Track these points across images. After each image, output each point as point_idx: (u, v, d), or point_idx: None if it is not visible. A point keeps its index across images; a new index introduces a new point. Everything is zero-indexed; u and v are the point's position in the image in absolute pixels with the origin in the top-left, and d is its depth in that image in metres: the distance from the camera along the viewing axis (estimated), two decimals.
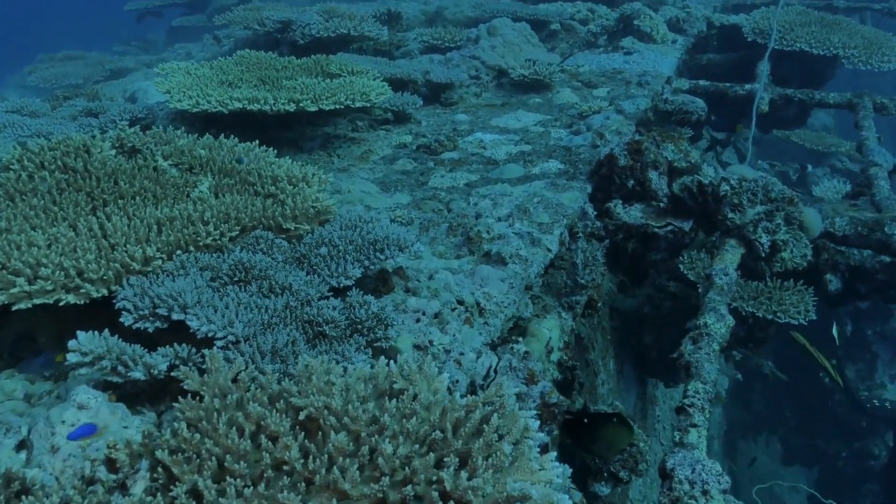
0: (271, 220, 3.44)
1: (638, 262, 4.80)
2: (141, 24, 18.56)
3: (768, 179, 4.40)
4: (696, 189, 4.46)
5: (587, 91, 7.07)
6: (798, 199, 4.43)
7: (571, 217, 4.39)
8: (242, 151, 4.31)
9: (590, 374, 5.49)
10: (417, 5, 11.40)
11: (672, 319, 5.71)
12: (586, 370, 5.39)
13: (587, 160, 5.24)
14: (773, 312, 5.07)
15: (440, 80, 6.87)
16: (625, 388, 6.56)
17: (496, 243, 3.94)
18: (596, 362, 5.63)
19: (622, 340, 6.20)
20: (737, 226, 4.37)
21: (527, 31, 7.69)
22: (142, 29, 18.72)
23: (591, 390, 5.46)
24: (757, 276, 4.94)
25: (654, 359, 6.29)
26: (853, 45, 8.41)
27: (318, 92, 5.57)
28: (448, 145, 5.65)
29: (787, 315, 5.09)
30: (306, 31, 7.83)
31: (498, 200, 4.50)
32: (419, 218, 4.52)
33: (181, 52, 11.55)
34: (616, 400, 6.06)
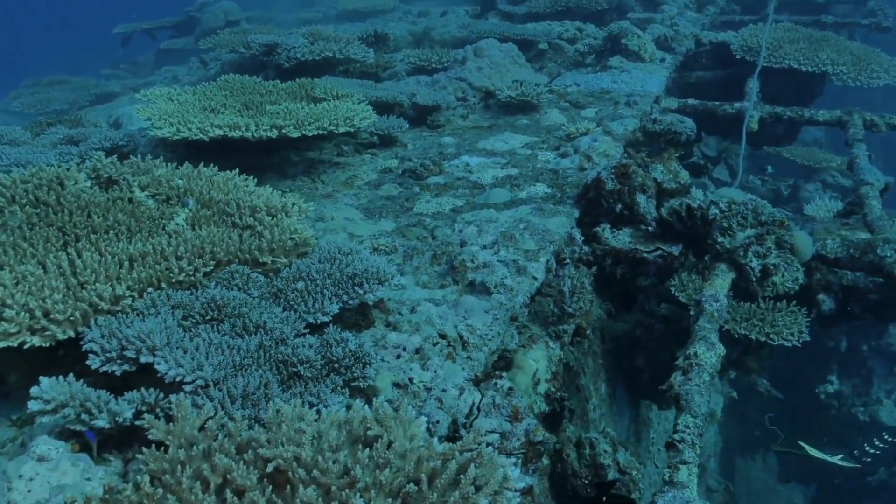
0: (247, 255, 3.34)
1: (627, 288, 4.72)
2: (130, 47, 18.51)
3: (758, 202, 4.33)
4: (684, 213, 4.38)
5: (575, 111, 7.00)
6: (789, 221, 4.35)
7: (558, 243, 4.31)
8: (221, 181, 4.22)
9: (581, 400, 5.38)
10: (405, 25, 11.37)
11: (664, 342, 5.62)
12: (577, 396, 5.29)
13: (574, 183, 5.16)
14: (766, 334, 4.98)
15: (426, 102, 6.80)
16: (617, 412, 6.45)
17: (481, 272, 3.85)
18: (587, 387, 5.52)
19: (614, 363, 6.10)
20: (727, 250, 4.29)
21: (514, 51, 7.63)
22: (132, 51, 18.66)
23: (583, 416, 5.35)
24: (749, 297, 4.86)
25: (647, 381, 6.19)
26: (842, 61, 8.38)
27: (301, 118, 5.50)
28: (434, 170, 5.57)
29: (781, 337, 5.00)
30: (291, 55, 7.77)
31: (483, 227, 4.42)
32: (403, 246, 4.43)
33: (168, 75, 11.48)
34: (608, 424, 5.96)
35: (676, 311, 5.33)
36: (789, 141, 9.29)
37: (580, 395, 5.35)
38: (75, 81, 11.32)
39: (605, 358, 5.90)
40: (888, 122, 7.11)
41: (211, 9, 14.47)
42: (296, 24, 14.88)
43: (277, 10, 17.31)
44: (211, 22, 13.78)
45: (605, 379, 5.94)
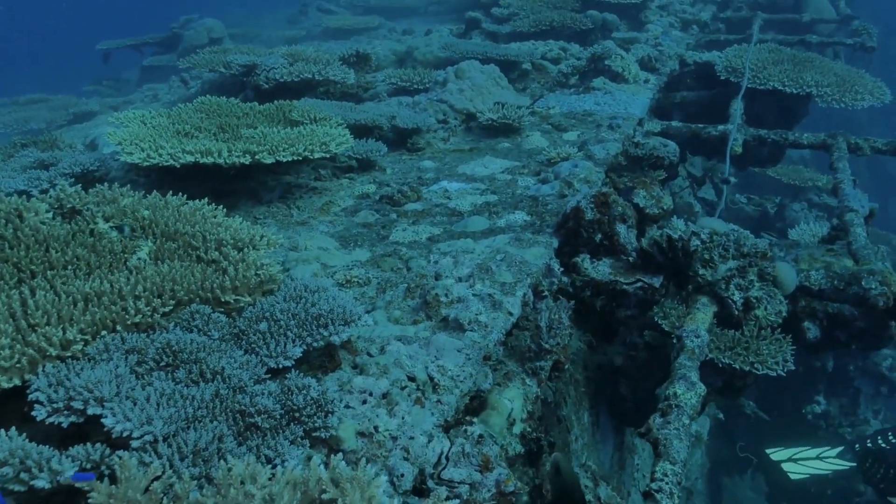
0: (209, 293, 3.21)
1: (607, 320, 4.60)
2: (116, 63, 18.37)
3: (740, 233, 4.23)
4: (665, 244, 4.28)
5: (557, 135, 6.91)
6: (772, 253, 4.26)
7: (536, 275, 4.20)
8: (188, 212, 4.09)
9: (562, 431, 5.26)
10: (389, 43, 11.28)
11: (648, 369, 5.51)
12: (558, 427, 5.17)
13: (554, 211, 5.05)
14: (751, 364, 4.88)
15: (406, 125, 6.70)
16: (601, 440, 6.33)
17: (455, 307, 3.73)
18: (568, 417, 5.40)
19: (596, 390, 5.99)
20: (708, 282, 4.18)
21: (495, 73, 7.55)
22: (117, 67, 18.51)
23: (564, 448, 5.22)
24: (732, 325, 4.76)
25: (631, 409, 6.08)
26: (826, 83, 8.34)
27: (276, 142, 5.38)
28: (412, 196, 5.45)
29: (766, 367, 4.90)
30: (270, 76, 7.66)
31: (459, 258, 4.30)
32: (377, 278, 4.31)
33: (149, 93, 11.34)
34: (591, 454, 5.84)
35: (659, 338, 5.23)
36: (774, 162, 9.22)
37: (561, 427, 5.23)
38: (54, 100, 11.17)
39: (588, 385, 5.79)
40: (872, 145, 7.05)
41: (194, 26, 14.35)
42: (281, 42, 14.79)
43: (265, 26, 17.23)
44: (193, 39, 13.67)
45: (587, 407, 5.82)
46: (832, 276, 4.65)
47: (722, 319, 4.40)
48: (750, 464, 11.82)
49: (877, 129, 20.99)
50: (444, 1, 15.51)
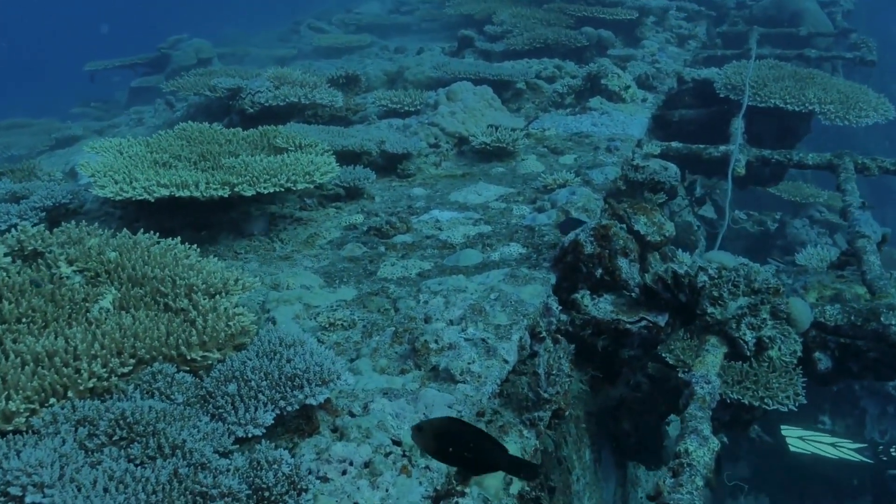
0: (174, 350, 2.92)
1: (609, 360, 4.32)
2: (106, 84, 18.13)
3: (750, 267, 3.95)
4: (670, 280, 4.00)
5: (553, 158, 6.65)
6: (784, 288, 3.98)
7: (533, 315, 3.91)
8: (158, 253, 3.80)
9: (563, 473, 4.96)
10: (381, 63, 11.04)
11: (651, 403, 5.23)
12: (558, 469, 4.87)
13: (551, 243, 4.78)
14: (760, 399, 4.60)
15: (396, 150, 6.43)
16: (603, 477, 6.04)
17: (445, 355, 3.44)
18: (569, 458, 5.11)
19: (598, 426, 5.70)
20: (717, 322, 3.90)
21: (488, 94, 7.29)
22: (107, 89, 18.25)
23: (565, 490, 4.93)
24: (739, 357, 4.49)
25: (634, 445, 5.79)
26: (829, 100, 8.09)
27: (257, 172, 5.10)
28: (401, 227, 5.17)
29: (776, 401, 4.62)
30: (256, 99, 7.39)
31: (451, 298, 4.01)
32: (363, 320, 4.03)
33: (134, 116, 11.08)
34: (594, 493, 5.54)
35: (663, 370, 4.96)
36: (777, 181, 8.99)
37: (562, 468, 4.93)
38: (37, 124, 10.91)
39: (589, 422, 5.50)
40: (880, 164, 6.79)
41: (182, 46, 14.11)
42: (271, 62, 14.53)
43: (256, 45, 16.99)
44: (182, 60, 13.41)
45: (588, 444, 5.53)
46: (849, 312, 4.38)
47: (731, 356, 4.11)
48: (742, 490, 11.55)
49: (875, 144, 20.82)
50: (436, 18, 15.28)
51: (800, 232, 12.66)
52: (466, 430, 2.29)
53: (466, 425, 2.35)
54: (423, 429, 2.26)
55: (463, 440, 2.23)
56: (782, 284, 3.98)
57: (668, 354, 4.57)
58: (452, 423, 2.33)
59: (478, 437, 2.26)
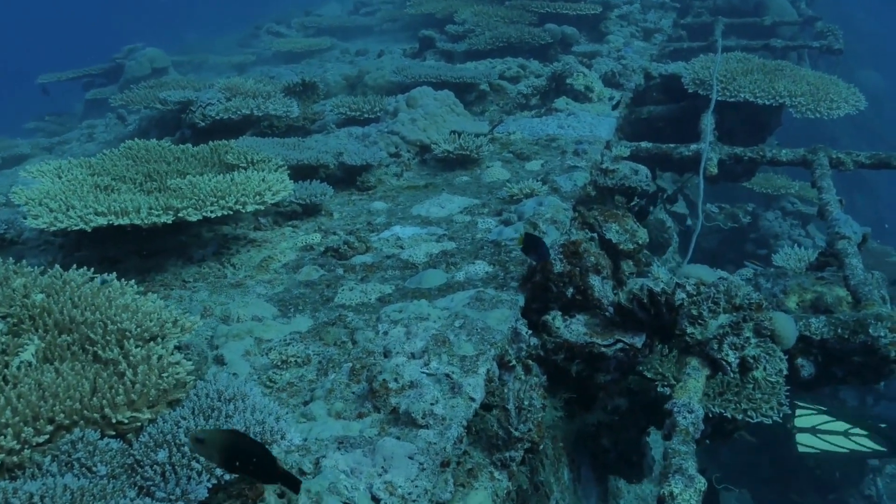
0: (97, 412, 2.61)
1: (585, 385, 4.06)
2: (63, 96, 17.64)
3: (730, 282, 3.70)
4: (646, 299, 3.74)
5: (519, 164, 6.38)
6: (766, 303, 3.74)
7: (500, 344, 3.63)
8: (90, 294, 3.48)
9: (541, 499, 4.70)
10: (341, 67, 10.73)
11: (630, 418, 4.99)
12: (536, 496, 4.61)
13: (519, 259, 4.50)
14: (743, 411, 4.37)
15: (355, 162, 6.12)
16: (583, 494, 5.80)
17: (406, 395, 3.15)
18: (547, 482, 4.84)
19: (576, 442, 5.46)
20: (698, 342, 3.65)
21: (450, 99, 7.00)
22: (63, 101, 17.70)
23: None
24: None
25: (613, 460, 5.56)
26: (799, 92, 7.90)
27: (204, 194, 4.78)
28: (359, 247, 4.88)
29: (759, 413, 4.40)
30: (207, 112, 7.04)
31: (412, 327, 3.72)
32: (318, 355, 3.73)
33: (86, 132, 10.64)
34: None
35: (640, 382, 4.72)
36: (749, 176, 8.79)
37: (539, 494, 4.68)
38: None
39: (566, 440, 5.26)
40: (855, 159, 6.60)
41: (136, 56, 13.66)
42: (229, 69, 14.15)
43: (216, 51, 16.58)
44: (135, 71, 12.97)
45: (566, 463, 5.28)
46: (835, 324, 4.15)
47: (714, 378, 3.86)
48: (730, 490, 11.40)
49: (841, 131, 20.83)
50: (397, 18, 14.97)
51: (772, 224, 12.53)
52: (248, 443, 2.28)
53: (247, 439, 2.32)
54: (206, 442, 2.16)
55: (246, 453, 2.23)
56: (765, 299, 3.74)
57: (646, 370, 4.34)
58: (235, 437, 2.26)
59: (259, 450, 2.28)
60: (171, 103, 7.63)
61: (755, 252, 12.53)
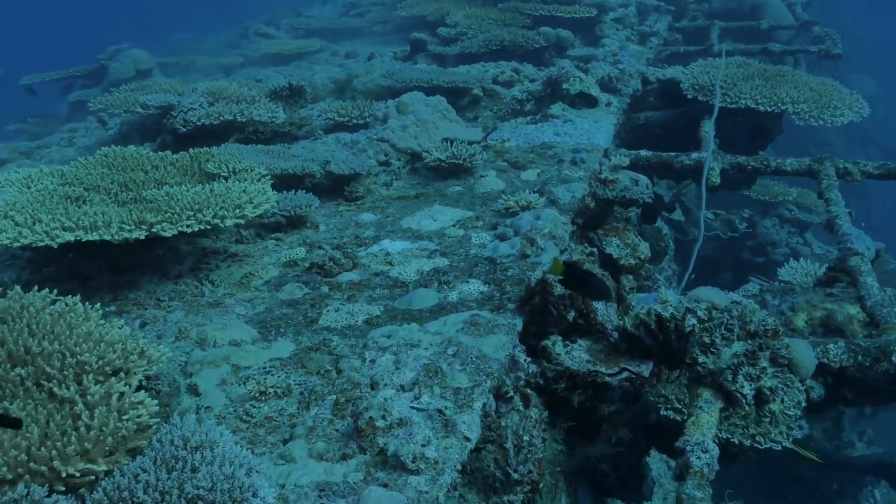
0: (44, 466, 2.31)
1: (587, 416, 3.78)
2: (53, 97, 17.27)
3: (745, 307, 3.44)
4: (654, 325, 3.47)
5: (515, 174, 6.10)
6: (782, 330, 3.47)
7: (497, 374, 3.35)
8: (49, 321, 3.18)
9: None
10: (330, 70, 10.42)
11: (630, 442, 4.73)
12: None
13: (516, 278, 4.23)
14: (751, 437, 4.11)
15: (342, 171, 5.83)
16: None
17: (395, 435, 2.87)
18: None
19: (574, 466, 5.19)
20: (710, 372, 3.38)
21: (442, 105, 6.72)
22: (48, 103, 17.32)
23: None
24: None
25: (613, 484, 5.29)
26: (802, 98, 7.66)
27: (181, 206, 4.49)
28: (346, 264, 4.59)
29: (768, 438, 4.15)
30: (188, 118, 6.74)
31: (402, 356, 3.44)
32: (300, 385, 3.45)
33: (66, 136, 10.31)
34: None
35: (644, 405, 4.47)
36: (749, 184, 8.54)
37: None
38: None
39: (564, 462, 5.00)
40: (863, 169, 6.35)
41: (120, 57, 13.32)
42: (217, 71, 13.84)
43: (204, 52, 16.26)
44: (118, 72, 12.64)
45: (564, 489, 5.01)
46: (855, 351, 3.89)
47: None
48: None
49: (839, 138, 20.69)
50: (388, 20, 14.69)
51: (770, 232, 12.30)
52: None
53: None
54: None
55: None
56: (781, 326, 3.47)
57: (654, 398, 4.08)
58: None
59: None
60: (151, 107, 7.33)
61: (752, 260, 12.31)
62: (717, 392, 3.38)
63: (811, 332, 5.06)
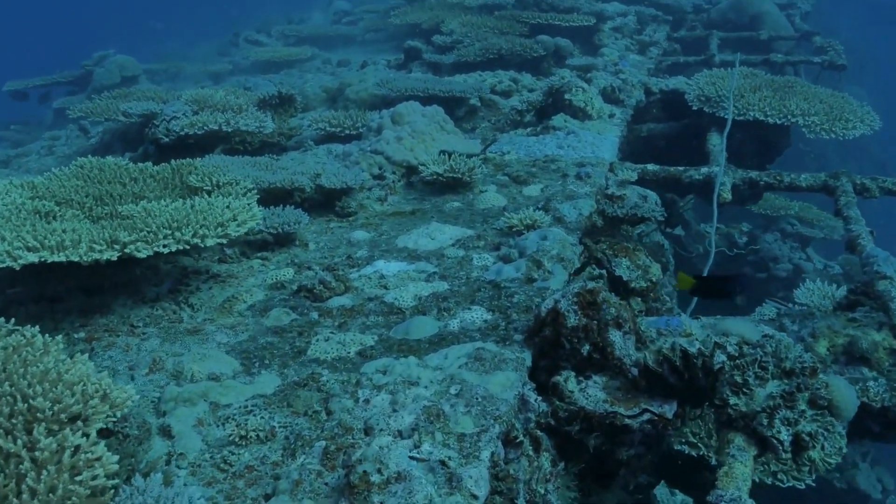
0: None
1: (603, 460, 3.43)
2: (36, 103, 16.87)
3: (779, 342, 3.10)
4: (679, 361, 3.13)
5: (516, 188, 5.76)
6: (820, 367, 3.14)
7: (506, 417, 3.00)
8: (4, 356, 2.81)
9: None
10: (321, 78, 10.08)
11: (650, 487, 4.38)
12: None
13: (522, 305, 3.88)
14: (773, 474, 3.77)
15: (334, 185, 5.48)
16: None
17: (392, 492, 2.51)
18: None
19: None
20: (743, 415, 3.04)
21: (439, 115, 6.39)
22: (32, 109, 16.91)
23: None
24: None
25: None
26: (813, 111, 7.36)
27: (159, 224, 4.13)
28: (337, 288, 4.23)
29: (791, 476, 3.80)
30: (171, 127, 6.38)
31: (399, 395, 3.09)
32: (285, 428, 3.09)
33: (47, 144, 9.92)
34: None
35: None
36: (756, 200, 8.22)
37: None
38: None
39: None
40: (881, 185, 6.04)
41: (105, 63, 12.95)
42: (206, 78, 13.48)
43: (193, 59, 15.93)
44: (103, 79, 12.27)
45: None
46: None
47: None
48: None
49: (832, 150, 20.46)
50: (381, 28, 14.39)
51: (772, 247, 11.99)
52: None
53: None
54: None
55: None
56: (819, 362, 3.14)
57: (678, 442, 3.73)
58: None
59: None
60: (133, 115, 6.97)
61: (754, 275, 11.98)
62: (751, 437, 3.03)
63: (833, 361, 4.73)
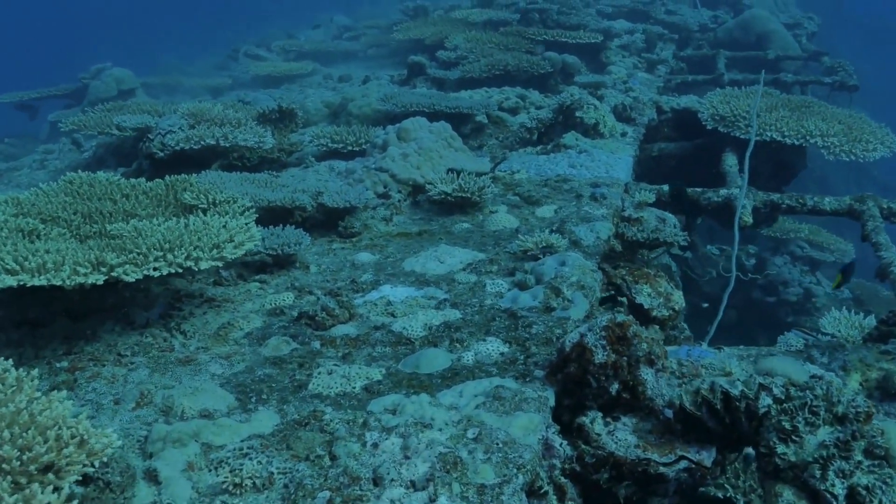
0: None
1: None
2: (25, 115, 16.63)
3: (829, 383, 2.81)
4: (720, 404, 2.83)
5: (528, 209, 5.48)
6: (875, 412, 2.84)
7: (530, 465, 2.70)
8: None
9: None
10: (322, 93, 9.84)
11: None
12: None
13: (542, 337, 3.59)
14: None
15: (336, 204, 5.20)
16: None
17: None
18: None
19: None
20: (792, 465, 2.74)
21: (447, 132, 6.12)
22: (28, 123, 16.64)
23: None
24: None
25: None
26: (832, 132, 7.11)
27: (149, 245, 3.83)
28: (341, 315, 3.93)
29: None
30: (166, 141, 6.10)
31: (411, 440, 2.79)
32: (284, 475, 2.78)
33: (39, 157, 9.64)
34: None
35: None
36: (771, 223, 7.97)
37: None
38: None
39: None
40: None
41: (101, 76, 12.71)
42: (204, 92, 13.24)
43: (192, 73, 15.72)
44: (100, 91, 12.03)
45: None
46: None
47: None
48: None
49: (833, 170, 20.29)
50: (384, 44, 14.19)
51: (781, 271, 11.72)
52: None
53: None
54: None
55: None
56: (873, 406, 2.84)
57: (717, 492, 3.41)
58: None
59: None
60: (127, 129, 6.70)
61: (763, 299, 11.70)
62: (801, 491, 2.73)
63: (868, 396, 4.44)
